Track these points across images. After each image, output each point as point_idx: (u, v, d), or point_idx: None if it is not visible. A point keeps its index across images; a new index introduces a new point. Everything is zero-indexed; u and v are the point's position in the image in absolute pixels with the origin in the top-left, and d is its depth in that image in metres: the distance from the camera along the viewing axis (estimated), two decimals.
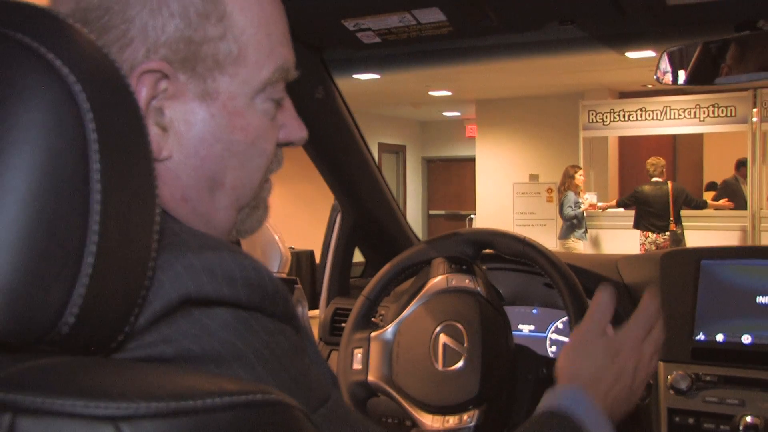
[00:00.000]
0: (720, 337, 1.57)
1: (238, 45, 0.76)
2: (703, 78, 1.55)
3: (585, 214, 9.75)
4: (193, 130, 0.75)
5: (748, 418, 1.32)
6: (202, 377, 0.57)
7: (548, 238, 9.78)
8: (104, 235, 0.55)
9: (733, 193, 10.32)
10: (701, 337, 1.58)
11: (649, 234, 9.05)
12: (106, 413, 0.49)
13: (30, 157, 0.52)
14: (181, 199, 0.77)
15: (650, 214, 9.05)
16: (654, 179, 9.07)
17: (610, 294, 1.17)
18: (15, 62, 0.54)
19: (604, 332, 1.14)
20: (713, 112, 10.24)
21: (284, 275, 2.32)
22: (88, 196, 0.54)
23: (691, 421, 1.51)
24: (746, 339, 1.55)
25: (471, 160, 13.79)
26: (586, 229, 9.74)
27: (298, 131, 0.86)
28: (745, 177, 10.19)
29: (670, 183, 9.18)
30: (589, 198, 10.41)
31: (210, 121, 0.76)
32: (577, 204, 9.56)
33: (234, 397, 0.53)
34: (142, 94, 0.72)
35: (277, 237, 2.25)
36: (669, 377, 1.55)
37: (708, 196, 10.50)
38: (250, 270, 0.68)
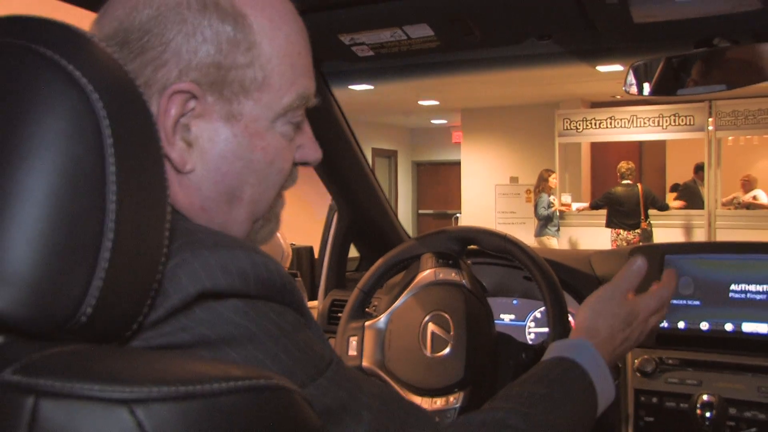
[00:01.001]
0: (681, 325, 1.58)
1: (263, 73, 0.76)
2: (665, 90, 1.56)
3: (558, 213, 9.79)
4: (217, 148, 0.75)
5: (705, 397, 1.33)
6: (209, 364, 0.57)
7: (527, 235, 9.80)
8: (119, 233, 0.54)
9: (692, 195, 10.43)
10: (665, 324, 1.59)
11: (621, 231, 9.08)
12: (121, 396, 0.49)
13: (51, 161, 0.52)
14: (200, 209, 0.77)
15: (622, 213, 9.08)
16: (625, 181, 9.11)
17: (642, 262, 1.17)
18: (39, 73, 0.54)
19: (626, 296, 1.14)
20: (674, 121, 10.30)
21: (286, 269, 2.31)
22: (104, 196, 0.54)
23: (654, 400, 1.51)
24: (704, 326, 1.56)
25: (457, 164, 13.79)
26: (559, 227, 9.82)
27: (314, 153, 0.86)
28: (702, 180, 10.30)
29: (639, 185, 9.24)
30: (564, 198, 10.45)
31: (232, 141, 0.76)
32: (550, 204, 9.62)
33: (239, 382, 0.53)
34: (172, 111, 0.72)
35: (278, 234, 2.25)
36: (636, 361, 1.56)
37: (671, 196, 10.56)
38: (261, 266, 0.68)
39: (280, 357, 0.66)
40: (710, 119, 9.98)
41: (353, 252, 2.15)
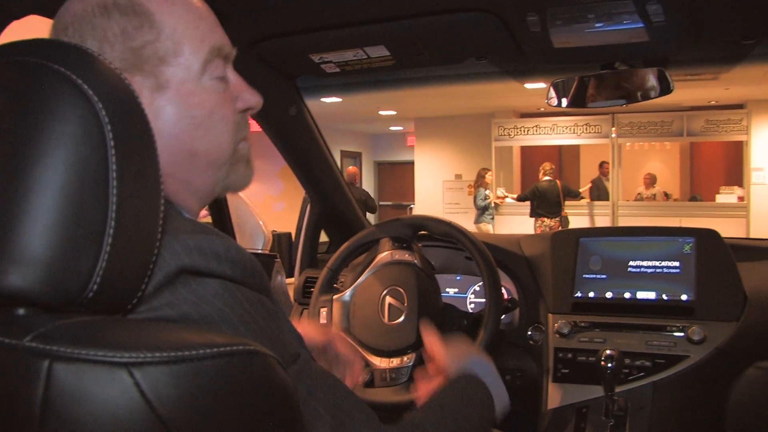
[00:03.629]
0: (592, 294, 1.60)
1: (172, 41, 0.73)
2: (578, 103, 1.58)
3: (492, 204, 9.88)
4: (161, 117, 0.73)
5: (607, 351, 1.35)
6: (196, 333, 0.56)
7: (468, 222, 9.86)
8: (119, 221, 0.54)
9: (599, 189, 10.60)
10: (579, 294, 1.61)
11: (545, 219, 9.16)
12: (122, 360, 0.49)
13: (62, 160, 0.52)
14: (166, 175, 0.73)
15: (546, 203, 9.17)
16: (546, 178, 9.20)
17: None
18: (53, 87, 0.54)
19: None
20: (586, 129, 10.49)
21: (267, 251, 2.29)
22: (107, 190, 0.54)
23: (570, 355, 1.54)
24: (609, 295, 1.59)
25: (411, 164, 13.80)
26: (493, 216, 9.91)
27: (253, 97, 0.82)
28: (605, 175, 10.49)
29: (558, 181, 9.33)
30: (499, 192, 10.54)
31: (168, 106, 0.73)
32: (486, 197, 9.70)
33: (221, 348, 0.53)
34: None
35: (261, 222, 2.23)
36: (555, 325, 1.57)
37: (585, 191, 10.75)
38: (233, 250, 0.67)
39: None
40: (613, 128, 10.22)
41: (324, 237, 2.13)
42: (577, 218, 9.95)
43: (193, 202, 0.79)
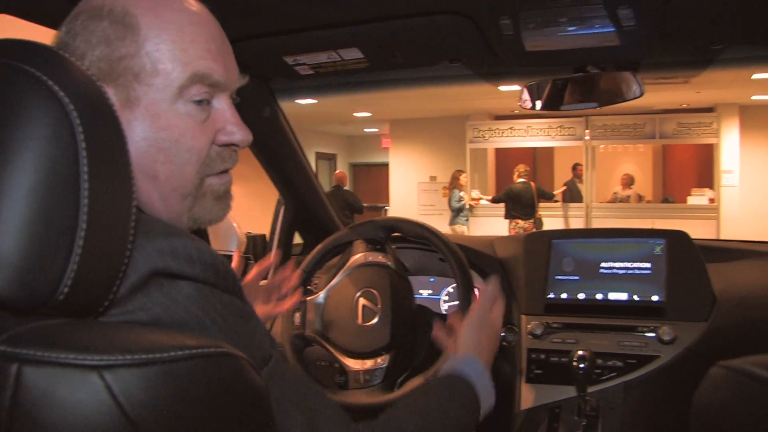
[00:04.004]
0: (564, 295, 1.62)
1: (151, 60, 0.72)
2: (551, 106, 1.59)
3: (467, 206, 9.93)
4: (125, 133, 0.72)
5: (580, 352, 1.36)
6: (168, 335, 0.56)
7: (443, 224, 9.89)
8: (91, 224, 0.54)
9: (572, 191, 10.71)
10: (551, 295, 1.62)
11: (519, 221, 9.21)
12: (92, 363, 0.48)
13: (33, 162, 0.51)
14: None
15: (520, 206, 9.23)
16: (521, 180, 9.26)
17: (493, 287, 1.24)
18: (23, 88, 0.53)
19: (489, 315, 1.21)
20: (560, 132, 10.60)
21: (241, 253, 2.28)
22: (79, 192, 0.53)
23: (542, 356, 1.55)
24: (581, 296, 1.60)
25: (386, 165, 13.80)
26: (468, 218, 9.95)
27: (239, 134, 0.80)
28: (579, 177, 10.60)
29: (532, 183, 9.40)
30: (474, 193, 10.59)
31: (135, 123, 0.72)
32: (461, 199, 9.74)
33: (193, 350, 0.53)
34: None
35: (235, 224, 2.22)
36: (528, 326, 1.59)
37: (560, 193, 10.86)
38: (206, 253, 0.66)
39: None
40: (587, 131, 10.35)
41: (297, 239, 2.13)
42: (552, 220, 10.06)
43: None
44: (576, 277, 1.62)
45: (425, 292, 1.83)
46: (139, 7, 0.73)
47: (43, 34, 0.80)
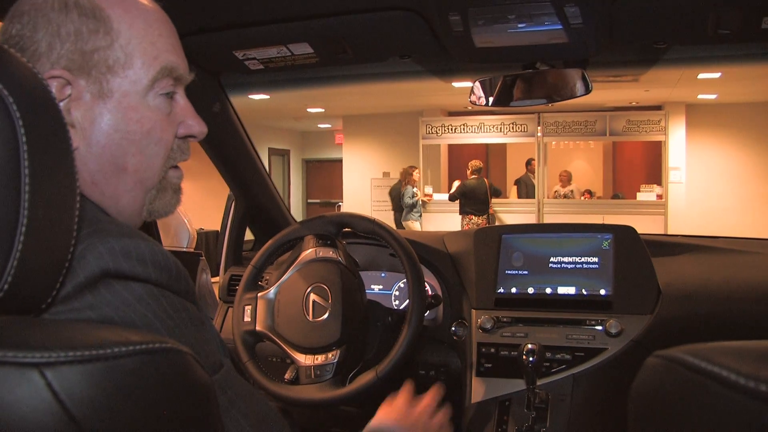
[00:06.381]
0: (514, 290, 1.64)
1: (124, 52, 0.74)
2: (502, 102, 1.61)
3: (420, 202, 9.98)
4: (95, 124, 0.73)
5: (529, 345, 1.39)
6: (111, 331, 0.56)
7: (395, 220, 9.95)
8: (32, 219, 0.53)
9: (526, 186, 10.88)
10: (501, 290, 1.64)
11: (473, 217, 9.31)
12: (32, 361, 0.48)
13: None
14: (92, 183, 0.74)
15: (474, 201, 9.32)
16: (473, 176, 9.36)
17: (438, 393, 1.27)
18: None
19: (429, 421, 1.22)
20: (513, 128, 10.77)
21: (192, 250, 2.26)
22: (19, 187, 0.52)
23: (492, 350, 1.57)
24: (531, 290, 1.63)
25: (339, 161, 13.79)
26: (421, 214, 10.01)
27: (197, 126, 0.83)
28: (533, 172, 10.79)
29: (485, 179, 9.51)
30: (427, 189, 10.66)
31: (107, 115, 0.73)
32: (413, 195, 9.79)
33: (137, 346, 0.53)
34: None
35: (186, 220, 2.19)
36: (479, 320, 1.60)
37: (513, 189, 11.01)
38: (159, 254, 0.67)
39: None
40: (539, 127, 10.54)
41: (248, 235, 2.12)
42: (505, 215, 10.21)
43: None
44: (525, 272, 1.65)
45: (376, 288, 1.84)
46: (105, 1, 0.74)
47: None
